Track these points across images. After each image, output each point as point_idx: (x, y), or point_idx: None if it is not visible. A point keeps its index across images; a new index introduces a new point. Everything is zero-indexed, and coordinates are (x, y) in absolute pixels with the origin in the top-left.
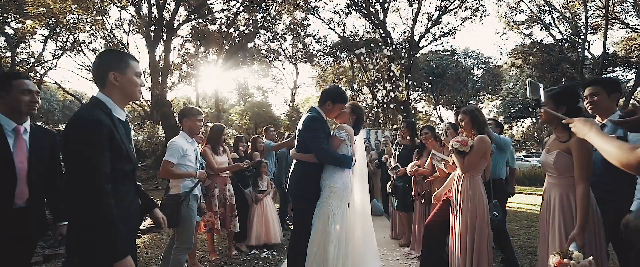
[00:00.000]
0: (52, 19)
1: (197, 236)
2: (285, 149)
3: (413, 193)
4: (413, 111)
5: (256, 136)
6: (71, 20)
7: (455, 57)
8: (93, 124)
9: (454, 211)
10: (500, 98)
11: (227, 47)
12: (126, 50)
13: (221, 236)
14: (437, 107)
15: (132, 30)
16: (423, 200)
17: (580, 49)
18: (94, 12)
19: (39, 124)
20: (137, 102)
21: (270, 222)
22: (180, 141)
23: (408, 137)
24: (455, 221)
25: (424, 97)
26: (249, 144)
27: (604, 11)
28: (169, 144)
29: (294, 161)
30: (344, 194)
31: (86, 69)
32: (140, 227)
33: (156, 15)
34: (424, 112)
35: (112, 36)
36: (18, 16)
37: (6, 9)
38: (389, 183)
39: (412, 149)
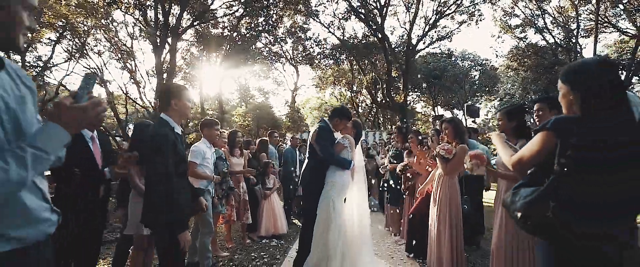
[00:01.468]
0: (61, 22)
1: (216, 228)
2: (291, 148)
3: (402, 188)
4: (411, 111)
5: (265, 139)
6: (84, 27)
7: (453, 59)
8: (162, 138)
9: (435, 203)
10: (498, 99)
11: (229, 50)
12: (131, 54)
13: (234, 228)
14: (436, 108)
15: (139, 36)
16: (407, 192)
17: (572, 53)
18: (105, 21)
19: None
20: (141, 104)
21: (277, 215)
22: (202, 146)
23: (401, 141)
24: (435, 212)
25: (422, 99)
26: (255, 146)
27: (598, 14)
28: (192, 148)
29: (306, 160)
30: (342, 189)
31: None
32: None
33: (162, 20)
34: (422, 113)
35: (116, 39)
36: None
37: None
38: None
39: (403, 151)
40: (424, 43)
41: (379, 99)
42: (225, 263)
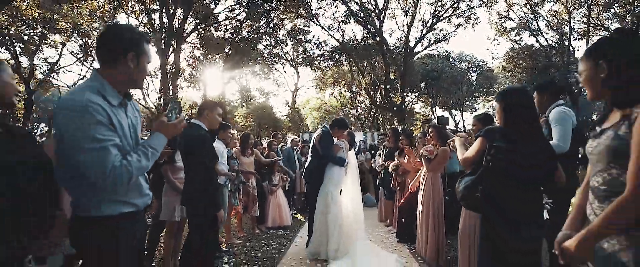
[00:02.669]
0: (70, 26)
1: (230, 218)
2: (290, 148)
3: (392, 184)
4: (410, 112)
5: (273, 140)
6: (93, 32)
7: (450, 61)
8: (200, 139)
9: (421, 196)
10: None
11: (231, 53)
12: None
13: (244, 219)
14: (434, 108)
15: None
16: (398, 187)
17: (565, 55)
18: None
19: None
20: (144, 104)
21: (282, 208)
22: (219, 146)
23: (392, 141)
24: (421, 204)
25: (421, 99)
26: (262, 146)
27: (590, 17)
28: None
29: (309, 158)
30: (338, 182)
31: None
32: None
33: (167, 24)
34: (421, 113)
35: None
36: (48, 32)
37: (36, 24)
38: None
39: (395, 150)
40: (421, 45)
41: (377, 100)
42: (239, 248)
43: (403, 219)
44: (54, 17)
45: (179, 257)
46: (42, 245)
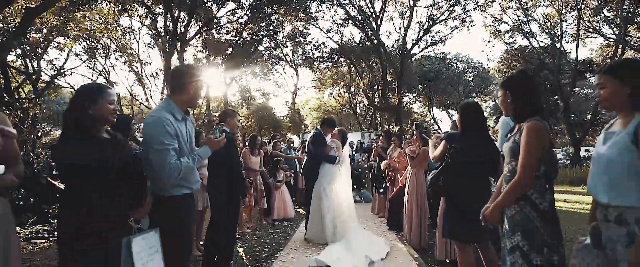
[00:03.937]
0: (77, 30)
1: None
2: (287, 148)
3: (387, 180)
4: (407, 112)
5: (276, 140)
6: (99, 36)
7: (447, 62)
8: (230, 141)
9: (407, 190)
10: (493, 99)
11: (232, 54)
12: (138, 57)
13: (253, 212)
14: (431, 108)
15: (153, 44)
16: (389, 183)
17: (556, 58)
18: (119, 29)
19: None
20: (146, 105)
21: (286, 203)
22: None
23: (385, 142)
24: (407, 196)
25: (419, 100)
26: (270, 146)
27: (580, 21)
28: None
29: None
30: (331, 178)
31: (99, 74)
32: None
33: (171, 28)
34: (419, 113)
35: (128, 46)
36: (56, 36)
37: (50, 32)
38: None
39: (387, 149)
40: (418, 47)
41: (375, 101)
42: (250, 236)
43: (393, 210)
44: (63, 20)
45: (201, 243)
46: (139, 211)
